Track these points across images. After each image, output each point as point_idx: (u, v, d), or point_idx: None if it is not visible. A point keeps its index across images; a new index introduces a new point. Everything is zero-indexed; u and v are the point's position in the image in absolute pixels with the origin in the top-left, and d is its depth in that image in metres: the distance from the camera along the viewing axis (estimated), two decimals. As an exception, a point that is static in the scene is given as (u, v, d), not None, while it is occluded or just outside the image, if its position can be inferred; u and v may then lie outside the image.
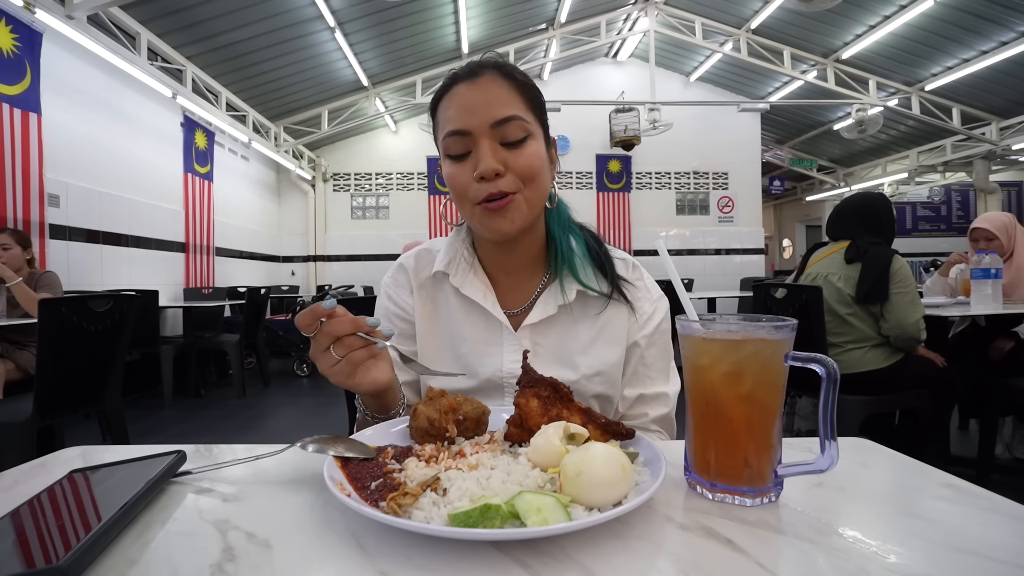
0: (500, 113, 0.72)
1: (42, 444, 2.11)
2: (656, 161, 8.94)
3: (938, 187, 10.76)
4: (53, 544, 0.38)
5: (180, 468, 0.56)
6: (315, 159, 8.59)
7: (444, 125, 0.75)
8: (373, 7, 5.55)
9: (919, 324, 2.10)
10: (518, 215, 0.74)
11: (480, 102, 0.72)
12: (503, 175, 0.72)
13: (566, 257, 0.82)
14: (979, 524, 0.43)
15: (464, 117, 0.72)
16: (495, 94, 0.73)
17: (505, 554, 0.39)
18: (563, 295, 0.81)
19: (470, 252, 0.85)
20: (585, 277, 0.82)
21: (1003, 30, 6.17)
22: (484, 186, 0.72)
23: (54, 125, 3.97)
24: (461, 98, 0.73)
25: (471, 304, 0.82)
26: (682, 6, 7.42)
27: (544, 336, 0.82)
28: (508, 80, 0.75)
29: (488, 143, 0.72)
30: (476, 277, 0.83)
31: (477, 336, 0.82)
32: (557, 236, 0.83)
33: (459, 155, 0.74)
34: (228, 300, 5.50)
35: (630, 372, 0.85)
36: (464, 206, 0.76)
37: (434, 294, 0.86)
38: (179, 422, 3.94)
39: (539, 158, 0.75)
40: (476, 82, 0.73)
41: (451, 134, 0.73)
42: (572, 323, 0.83)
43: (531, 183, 0.74)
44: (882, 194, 2.44)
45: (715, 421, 0.50)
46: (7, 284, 2.82)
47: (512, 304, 0.84)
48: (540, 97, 0.79)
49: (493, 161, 0.71)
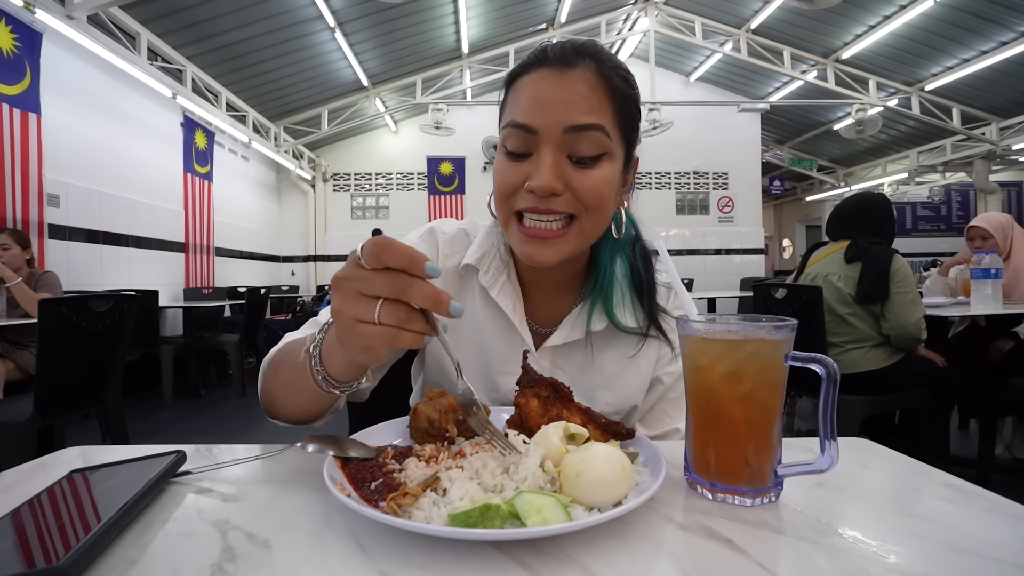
0: (578, 119, 0.60)
1: (42, 444, 2.11)
2: (656, 161, 8.94)
3: (938, 187, 10.76)
4: (53, 544, 0.38)
5: (180, 468, 0.56)
6: (315, 159, 8.59)
7: (511, 111, 0.64)
8: (373, 7, 5.55)
9: (920, 324, 2.10)
10: (563, 248, 0.64)
11: (560, 99, 0.60)
12: (560, 195, 0.61)
13: (605, 287, 0.73)
14: (978, 524, 0.43)
15: (535, 112, 0.61)
16: (582, 93, 0.61)
17: (505, 554, 0.39)
18: (592, 322, 0.72)
19: (506, 251, 0.75)
20: (620, 312, 0.73)
21: (1003, 30, 6.17)
22: (531, 198, 0.62)
23: (54, 125, 3.97)
24: (540, 87, 0.62)
25: (497, 311, 0.73)
26: (682, 6, 7.42)
27: (566, 361, 0.74)
28: (603, 81, 0.62)
29: (553, 153, 0.61)
30: (509, 283, 0.73)
31: (497, 348, 0.74)
32: (603, 261, 0.74)
33: (517, 153, 0.63)
34: (228, 300, 5.50)
35: (647, 409, 0.77)
36: (503, 208, 0.65)
37: (460, 285, 0.77)
38: (179, 422, 3.93)
39: (608, 184, 0.63)
40: (564, 73, 0.61)
41: (514, 125, 0.62)
42: (598, 353, 0.74)
43: (592, 212, 0.63)
44: (882, 194, 2.45)
45: (715, 421, 0.50)
46: (7, 284, 2.82)
47: (540, 319, 0.76)
48: (636, 111, 0.67)
49: (552, 178, 0.60)
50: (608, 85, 0.63)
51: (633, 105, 0.66)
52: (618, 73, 0.64)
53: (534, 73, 0.63)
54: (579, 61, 0.62)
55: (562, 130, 0.60)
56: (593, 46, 0.64)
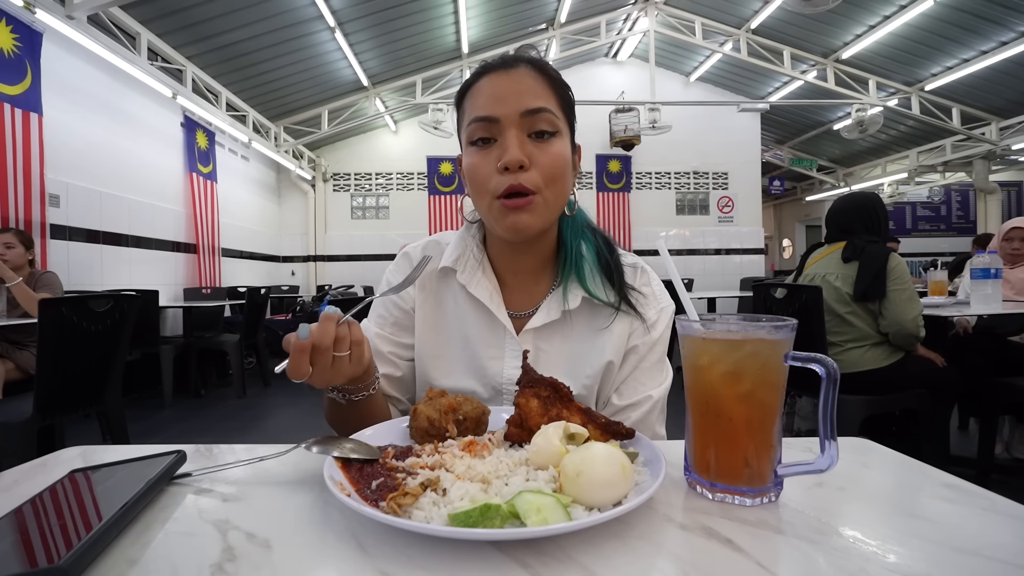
0: (531, 103, 0.71)
1: (42, 444, 2.11)
2: (656, 161, 8.93)
3: (938, 187, 10.75)
4: (54, 544, 0.38)
5: (180, 468, 0.56)
6: (315, 159, 8.58)
7: (471, 112, 0.74)
8: (373, 7, 5.55)
9: (917, 321, 2.10)
10: (537, 215, 0.73)
11: (512, 91, 0.71)
12: (527, 169, 0.71)
13: (575, 263, 0.81)
14: (979, 524, 0.43)
15: (493, 104, 0.71)
16: (528, 85, 0.72)
17: (505, 554, 0.39)
18: (568, 301, 0.79)
19: (480, 250, 0.84)
20: (592, 285, 0.80)
21: (1003, 30, 6.16)
22: (506, 178, 0.70)
23: (54, 125, 3.96)
24: (492, 87, 0.73)
25: (477, 304, 0.81)
26: (682, 6, 7.42)
27: (547, 341, 0.81)
28: (541, 74, 0.74)
29: (516, 133, 0.71)
30: (484, 276, 0.82)
31: (481, 337, 0.81)
32: (568, 241, 0.82)
33: (484, 140, 0.73)
34: (228, 300, 5.49)
35: (623, 379, 0.81)
36: (482, 199, 0.74)
37: (438, 288, 0.85)
38: (179, 422, 3.93)
39: (564, 158, 0.74)
40: (509, 72, 0.73)
41: (478, 119, 0.72)
42: (576, 330, 0.81)
43: (553, 184, 0.73)
44: (875, 193, 2.46)
45: (715, 421, 0.50)
46: (7, 284, 2.82)
47: (518, 307, 0.83)
48: (571, 97, 0.79)
49: (519, 152, 0.70)
50: (547, 78, 0.75)
51: (569, 93, 0.78)
52: (551, 68, 0.76)
53: (482, 80, 0.74)
54: (518, 64, 0.74)
55: (519, 115, 0.71)
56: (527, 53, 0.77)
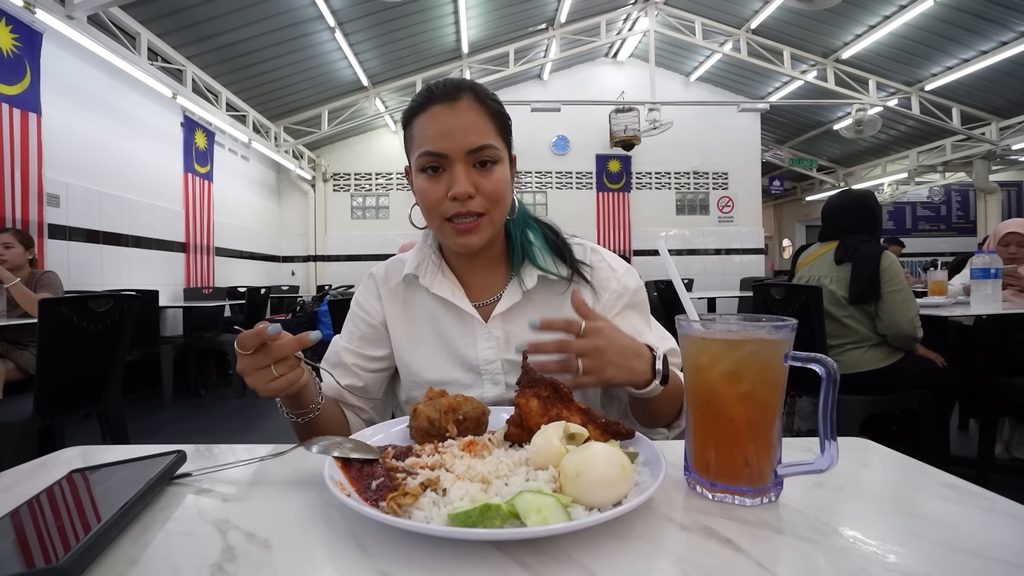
0: (476, 141, 0.78)
1: (42, 444, 2.11)
2: (656, 161, 8.94)
3: (938, 187, 10.76)
4: (53, 544, 0.38)
5: (180, 468, 0.56)
6: (315, 159, 8.58)
7: (420, 143, 0.79)
8: (373, 7, 5.55)
9: (914, 322, 2.09)
10: (484, 233, 0.81)
11: (458, 128, 0.78)
12: (474, 197, 0.78)
13: (525, 250, 0.89)
14: (979, 524, 0.43)
15: (442, 140, 0.77)
16: (471, 120, 0.78)
17: (505, 554, 0.39)
18: (525, 282, 0.86)
19: (437, 255, 0.91)
20: (544, 263, 0.87)
21: (1003, 30, 6.16)
22: (455, 205, 0.78)
23: (54, 125, 3.96)
24: (440, 121, 0.78)
25: (443, 302, 0.88)
26: (682, 6, 7.42)
27: (513, 324, 0.87)
28: (483, 107, 0.80)
29: (463, 167, 0.78)
30: (444, 276, 0.89)
31: (453, 330, 0.88)
32: (515, 234, 0.90)
33: (434, 169, 0.79)
34: (228, 300, 5.49)
35: None
36: (433, 219, 0.82)
37: (407, 297, 0.92)
38: (179, 422, 3.93)
39: (505, 182, 0.82)
40: (454, 106, 0.78)
41: (428, 154, 0.78)
42: (539, 307, 0.88)
43: (497, 205, 0.81)
44: (871, 191, 2.45)
45: (715, 421, 0.50)
46: (6, 285, 2.82)
47: (482, 298, 0.90)
48: (509, 123, 0.86)
49: (467, 185, 0.77)
50: (488, 109, 0.81)
51: (507, 120, 0.86)
52: (491, 98, 0.83)
53: (430, 110, 0.79)
54: (462, 94, 0.79)
55: (465, 152, 0.78)
56: (468, 81, 0.82)
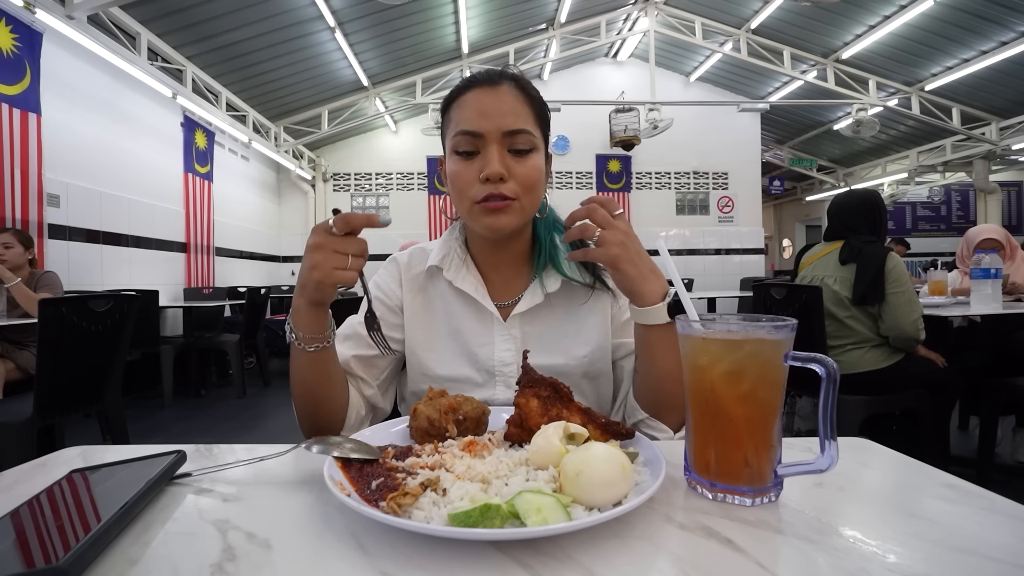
0: (513, 124, 0.77)
1: (42, 444, 2.11)
2: (656, 161, 8.93)
3: (938, 187, 10.76)
4: (53, 544, 0.38)
5: (180, 468, 0.56)
6: (315, 159, 8.58)
7: (457, 123, 0.79)
8: (373, 7, 5.54)
9: (917, 324, 2.09)
10: (513, 217, 0.80)
11: (496, 109, 0.78)
12: (506, 180, 0.78)
13: (550, 254, 0.89)
14: (979, 524, 0.43)
15: (479, 120, 0.77)
16: (511, 104, 0.78)
17: (505, 554, 0.39)
18: (547, 285, 0.87)
19: (463, 249, 0.91)
20: (568, 269, 0.87)
21: (1003, 30, 6.16)
22: (486, 187, 0.77)
23: (54, 125, 3.96)
24: (479, 102, 0.79)
25: (464, 296, 0.87)
26: (682, 6, 7.42)
27: (532, 325, 0.87)
28: (524, 94, 0.81)
29: (497, 148, 0.77)
30: (468, 271, 0.88)
31: (470, 327, 0.87)
32: (542, 236, 0.90)
33: (467, 153, 0.79)
34: (228, 300, 5.49)
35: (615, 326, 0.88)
36: (463, 202, 0.81)
37: (427, 288, 0.91)
38: (179, 422, 3.93)
39: (539, 171, 0.81)
40: (495, 90, 0.79)
41: (464, 133, 0.78)
42: (559, 312, 0.88)
43: (528, 192, 0.80)
44: (876, 190, 2.46)
45: (715, 421, 0.50)
46: (6, 285, 2.82)
47: (503, 298, 0.90)
48: (548, 115, 0.86)
49: (499, 166, 0.76)
50: (529, 97, 0.81)
51: (547, 111, 0.86)
52: (532, 88, 0.83)
53: (469, 93, 0.80)
54: (504, 81, 0.80)
55: (502, 133, 0.77)
56: (510, 70, 0.83)
